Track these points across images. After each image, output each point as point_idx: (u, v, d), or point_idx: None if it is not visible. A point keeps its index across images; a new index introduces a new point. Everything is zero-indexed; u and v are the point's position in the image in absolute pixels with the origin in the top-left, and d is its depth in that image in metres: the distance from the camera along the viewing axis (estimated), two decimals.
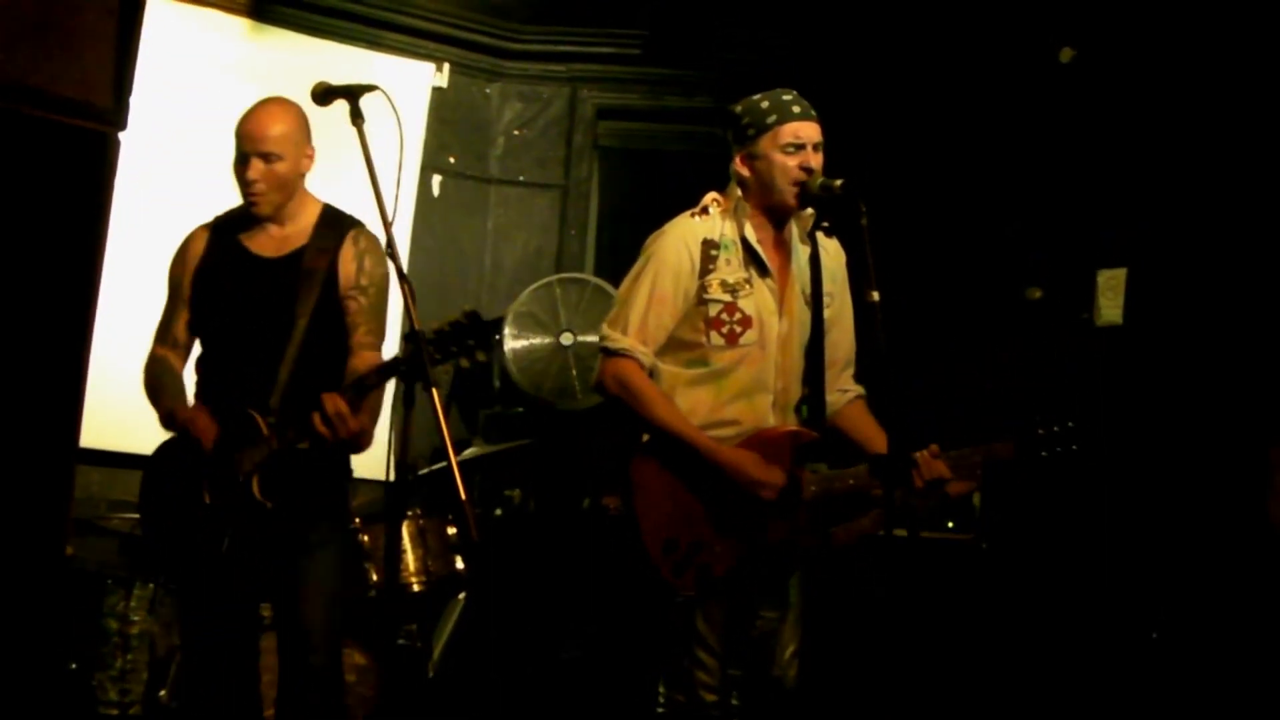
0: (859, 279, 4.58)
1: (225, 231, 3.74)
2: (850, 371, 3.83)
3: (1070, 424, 3.62)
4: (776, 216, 3.69)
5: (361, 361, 3.61)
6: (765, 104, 3.63)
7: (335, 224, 3.73)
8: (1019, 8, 5.57)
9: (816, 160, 3.59)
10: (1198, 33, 4.98)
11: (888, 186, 4.16)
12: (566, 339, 5.98)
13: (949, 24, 5.77)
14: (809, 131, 3.60)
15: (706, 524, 3.53)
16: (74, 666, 4.58)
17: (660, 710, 3.62)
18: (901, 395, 3.36)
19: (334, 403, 3.36)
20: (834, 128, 3.68)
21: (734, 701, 3.69)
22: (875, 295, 3.40)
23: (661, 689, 3.64)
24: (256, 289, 3.64)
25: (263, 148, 3.59)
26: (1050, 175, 5.49)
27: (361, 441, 3.52)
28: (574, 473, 5.93)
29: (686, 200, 3.78)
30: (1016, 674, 4.82)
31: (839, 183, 3.52)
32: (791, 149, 3.57)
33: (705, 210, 3.69)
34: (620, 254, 4.07)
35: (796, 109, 3.61)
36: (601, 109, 6.85)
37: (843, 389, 3.78)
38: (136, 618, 4.80)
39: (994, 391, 5.23)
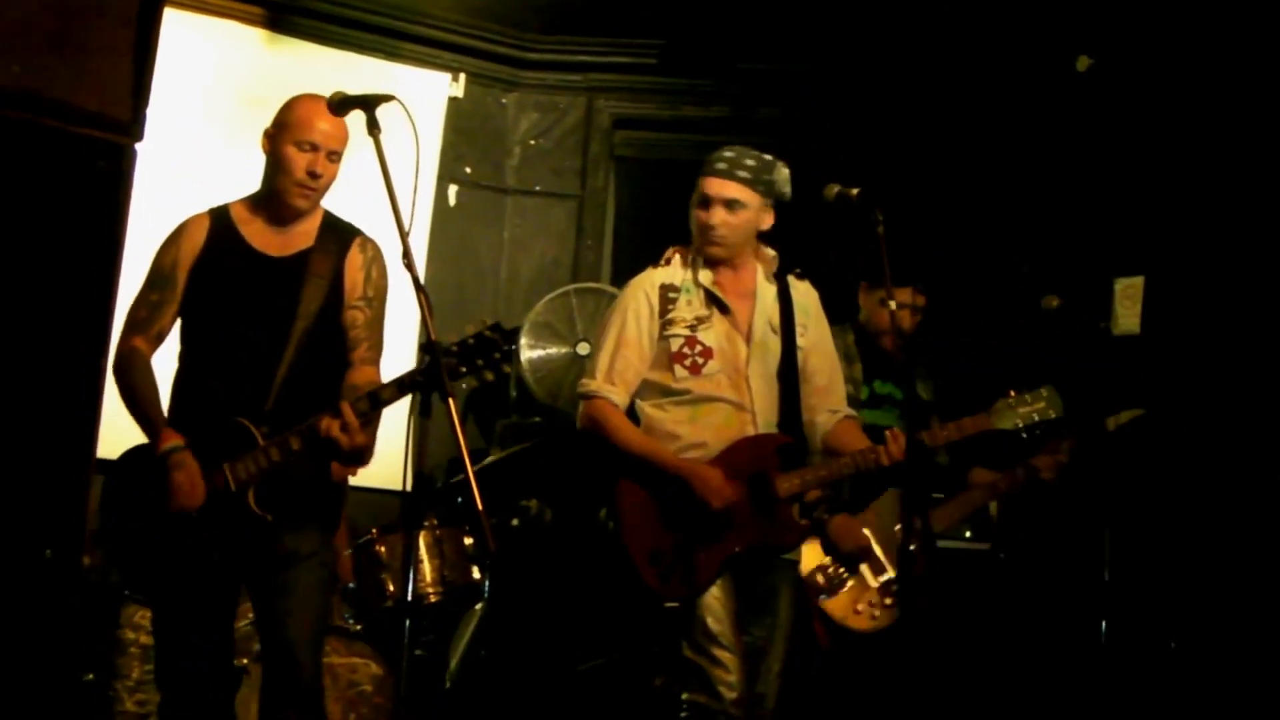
0: (876, 286, 4.63)
1: (225, 223, 3.56)
2: (840, 393, 4.04)
3: (1045, 391, 3.90)
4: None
5: (362, 376, 3.48)
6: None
7: (338, 230, 3.62)
8: (1036, 16, 5.56)
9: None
10: (1214, 40, 4.97)
11: (905, 193, 4.17)
12: (583, 349, 5.97)
13: (967, 30, 5.77)
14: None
15: (689, 532, 3.72)
16: (91, 677, 4.58)
17: (684, 715, 3.67)
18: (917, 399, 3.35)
19: (348, 413, 3.27)
20: (851, 134, 3.70)
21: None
22: (893, 304, 3.46)
23: (684, 695, 3.69)
24: (259, 287, 3.50)
25: (336, 146, 3.50)
26: (1067, 183, 5.48)
27: (364, 456, 3.40)
28: (590, 483, 5.91)
29: None
30: (1034, 682, 4.80)
31: (855, 191, 3.61)
32: None
33: (667, 261, 3.98)
34: (637, 264, 4.10)
35: None
36: (618, 119, 6.84)
37: (833, 409, 4.00)
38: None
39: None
